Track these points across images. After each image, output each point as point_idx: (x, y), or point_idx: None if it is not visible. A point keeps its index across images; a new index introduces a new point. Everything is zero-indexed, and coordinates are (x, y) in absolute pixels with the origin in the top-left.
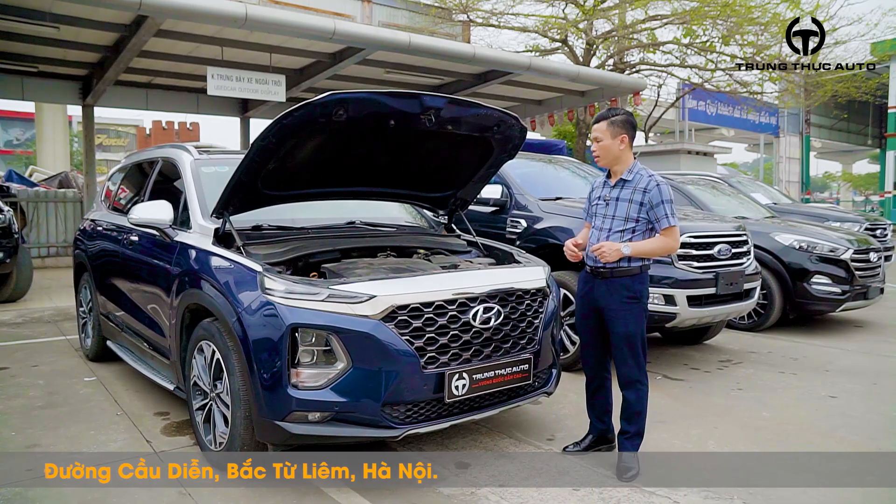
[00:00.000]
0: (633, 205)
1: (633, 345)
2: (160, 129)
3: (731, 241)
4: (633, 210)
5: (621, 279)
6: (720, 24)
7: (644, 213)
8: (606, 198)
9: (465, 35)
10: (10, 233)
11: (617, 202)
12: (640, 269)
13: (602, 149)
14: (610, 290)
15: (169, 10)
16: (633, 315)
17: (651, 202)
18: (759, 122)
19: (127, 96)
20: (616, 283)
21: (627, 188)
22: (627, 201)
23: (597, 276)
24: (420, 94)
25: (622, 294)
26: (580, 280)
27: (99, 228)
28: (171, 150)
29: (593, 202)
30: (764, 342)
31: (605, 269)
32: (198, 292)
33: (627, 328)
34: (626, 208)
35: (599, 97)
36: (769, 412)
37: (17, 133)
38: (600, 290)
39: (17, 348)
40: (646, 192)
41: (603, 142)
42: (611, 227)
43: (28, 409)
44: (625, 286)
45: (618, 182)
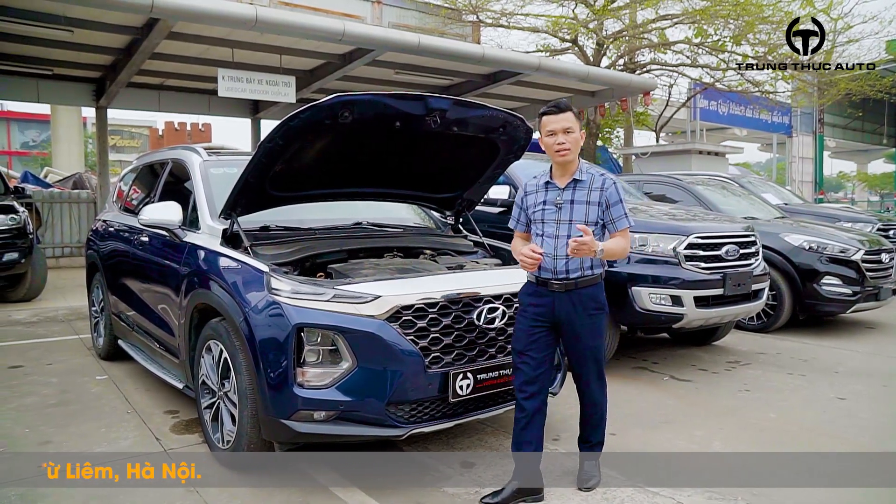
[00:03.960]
0: (591, 206)
1: (599, 360)
2: (172, 130)
3: (739, 241)
4: (592, 212)
5: (587, 289)
6: (731, 24)
7: (601, 215)
8: (557, 201)
9: (475, 36)
10: (26, 233)
11: (572, 205)
12: (600, 277)
13: (574, 142)
14: (576, 304)
15: (180, 12)
16: (599, 327)
17: (608, 201)
18: (772, 122)
19: (139, 98)
20: (582, 295)
21: (581, 189)
22: (585, 203)
23: (557, 289)
24: (425, 95)
25: (589, 306)
26: (526, 294)
27: (110, 229)
28: (180, 151)
29: (535, 208)
30: (773, 343)
31: (569, 281)
32: (206, 292)
33: (595, 342)
34: (584, 211)
35: (609, 97)
36: (776, 413)
37: (33, 135)
38: (563, 304)
39: (31, 347)
40: (602, 190)
41: (574, 133)
42: (569, 233)
43: (41, 406)
44: (591, 297)
45: (569, 183)
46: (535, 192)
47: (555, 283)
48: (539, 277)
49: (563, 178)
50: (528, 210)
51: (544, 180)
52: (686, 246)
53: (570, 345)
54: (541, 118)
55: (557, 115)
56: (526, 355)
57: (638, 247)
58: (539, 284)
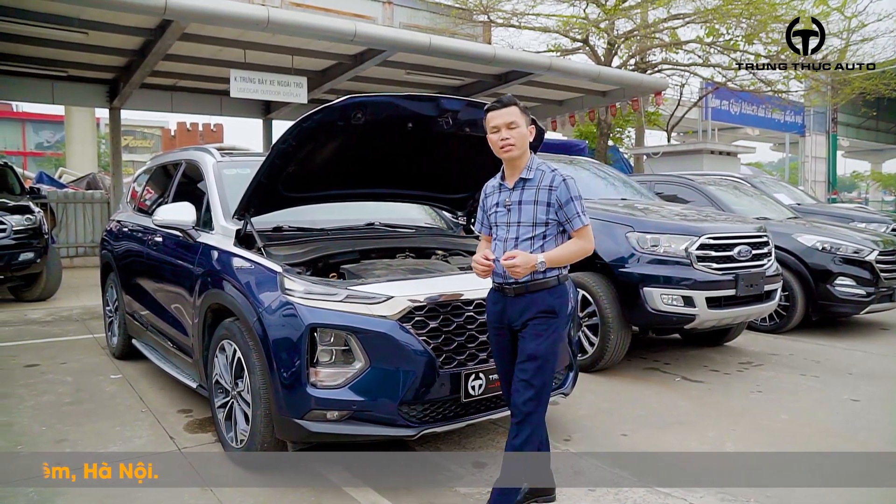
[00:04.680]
0: (539, 206)
1: (541, 368)
2: (184, 130)
3: (751, 242)
4: (541, 212)
5: (538, 294)
6: (744, 23)
7: (553, 215)
8: (507, 203)
9: (485, 36)
10: (41, 233)
11: (520, 206)
12: (557, 280)
13: (520, 137)
14: (525, 308)
15: (193, 14)
16: (547, 332)
17: (559, 201)
18: (785, 122)
19: (152, 99)
20: (531, 299)
21: (530, 188)
22: (532, 203)
23: (508, 293)
24: (437, 96)
25: (539, 311)
26: (489, 301)
27: (124, 229)
28: (194, 152)
29: (490, 210)
30: (786, 344)
31: (518, 285)
32: (219, 292)
33: (538, 347)
34: (531, 212)
35: (621, 97)
36: (788, 415)
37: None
38: (515, 309)
39: (46, 346)
40: (552, 189)
41: (520, 128)
42: (517, 236)
43: (57, 404)
44: (542, 301)
45: (517, 183)
46: (492, 193)
47: (507, 287)
48: (494, 283)
49: (512, 177)
50: (487, 210)
51: (498, 181)
52: (698, 246)
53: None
54: (486, 114)
55: (500, 110)
56: (499, 369)
57: (650, 247)
58: (495, 290)
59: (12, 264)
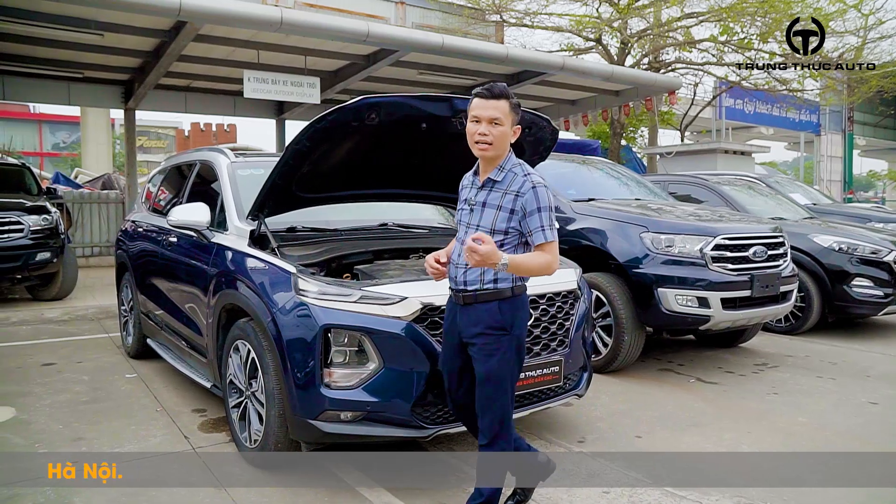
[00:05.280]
0: (501, 212)
1: (498, 388)
2: (198, 130)
3: (767, 242)
4: (501, 220)
5: (487, 304)
6: (758, 21)
7: (516, 224)
8: (472, 202)
9: (498, 35)
10: (57, 233)
11: (483, 208)
12: (511, 292)
13: (500, 136)
14: (473, 320)
15: (207, 15)
16: (499, 351)
17: (524, 209)
18: (800, 120)
19: (166, 99)
20: (480, 310)
21: (496, 191)
22: (495, 208)
23: (457, 301)
24: (451, 97)
25: (487, 326)
26: (447, 307)
27: (139, 229)
28: (208, 153)
29: (459, 206)
30: (802, 346)
31: (467, 294)
32: (233, 293)
33: (491, 368)
34: (491, 217)
35: (634, 97)
36: (805, 417)
37: (64, 136)
38: (464, 320)
39: (63, 345)
40: (518, 196)
41: (503, 127)
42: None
43: (74, 403)
44: (490, 315)
45: (486, 182)
46: (466, 187)
47: (457, 294)
48: (448, 288)
49: (484, 174)
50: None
51: (472, 176)
52: (713, 247)
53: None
54: (471, 99)
55: (488, 101)
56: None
57: (664, 248)
58: (450, 297)
59: (29, 264)
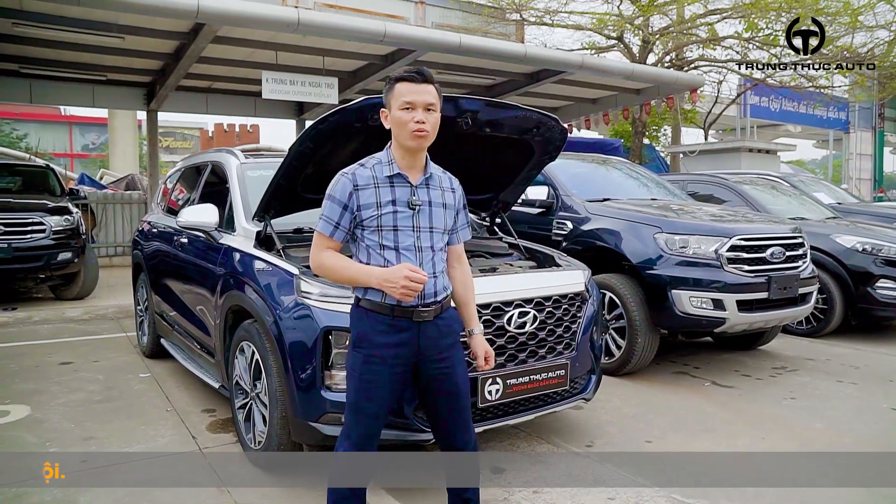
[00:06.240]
0: (448, 211)
1: (468, 401)
2: (222, 131)
3: (785, 243)
4: (449, 218)
5: (451, 310)
6: (784, 17)
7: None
8: (414, 202)
9: (518, 34)
10: (78, 234)
11: (431, 208)
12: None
13: (435, 123)
14: (445, 330)
15: (224, 17)
16: (465, 355)
17: (457, 205)
18: (828, 118)
19: (188, 101)
20: (449, 318)
21: (434, 188)
22: (441, 206)
23: (425, 317)
24: (456, 97)
25: (455, 330)
26: (376, 333)
27: (154, 230)
28: (219, 154)
29: (379, 210)
30: (823, 349)
31: (436, 304)
32: (239, 294)
33: (466, 376)
34: (442, 216)
35: (655, 95)
36: (823, 423)
37: (93, 137)
38: (429, 335)
39: (81, 344)
40: (453, 191)
41: (436, 113)
42: (432, 244)
43: (87, 402)
44: (456, 318)
45: (423, 179)
46: (374, 186)
47: (422, 310)
48: (398, 306)
49: (414, 170)
50: (363, 212)
51: (387, 172)
52: (729, 248)
53: (436, 384)
54: (394, 84)
55: (420, 85)
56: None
57: (678, 248)
58: (396, 317)
59: (51, 264)
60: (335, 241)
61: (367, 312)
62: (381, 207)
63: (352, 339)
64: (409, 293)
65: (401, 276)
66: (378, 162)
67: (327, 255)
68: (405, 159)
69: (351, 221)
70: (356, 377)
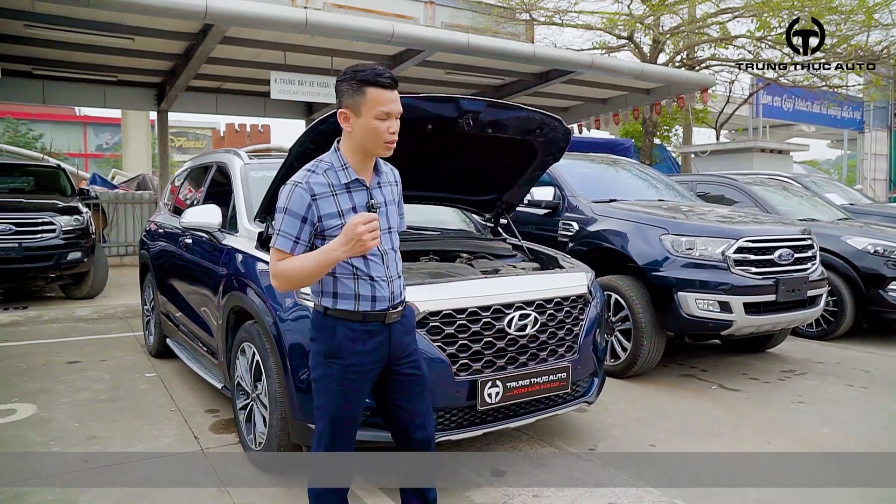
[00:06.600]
0: (394, 207)
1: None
2: (233, 131)
3: (793, 245)
4: (394, 214)
5: (408, 306)
6: (797, 15)
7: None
8: (374, 205)
9: (528, 34)
10: (88, 233)
11: (386, 208)
12: None
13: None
14: (408, 328)
15: (232, 17)
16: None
17: (399, 197)
18: (842, 117)
19: (198, 101)
20: (409, 316)
21: (385, 186)
22: (394, 203)
23: (395, 318)
24: (457, 97)
25: (414, 325)
26: (348, 340)
27: (160, 231)
28: (223, 154)
29: (341, 219)
30: (833, 352)
31: (402, 303)
32: (240, 295)
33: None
34: (395, 214)
35: (666, 95)
36: (831, 428)
37: (107, 137)
38: (397, 335)
39: (89, 343)
40: (397, 183)
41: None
42: (392, 246)
43: (93, 401)
44: (411, 313)
45: (376, 180)
46: (331, 194)
47: (393, 312)
48: (371, 312)
49: (367, 172)
50: (325, 222)
51: (343, 178)
52: (735, 249)
53: (406, 380)
54: (364, 88)
55: (393, 92)
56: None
57: (685, 250)
58: (369, 321)
59: (61, 263)
60: (296, 253)
61: (338, 322)
62: (342, 216)
63: (322, 351)
64: (376, 236)
65: (355, 231)
66: (330, 167)
67: (282, 263)
68: (362, 163)
69: (311, 234)
70: (335, 389)
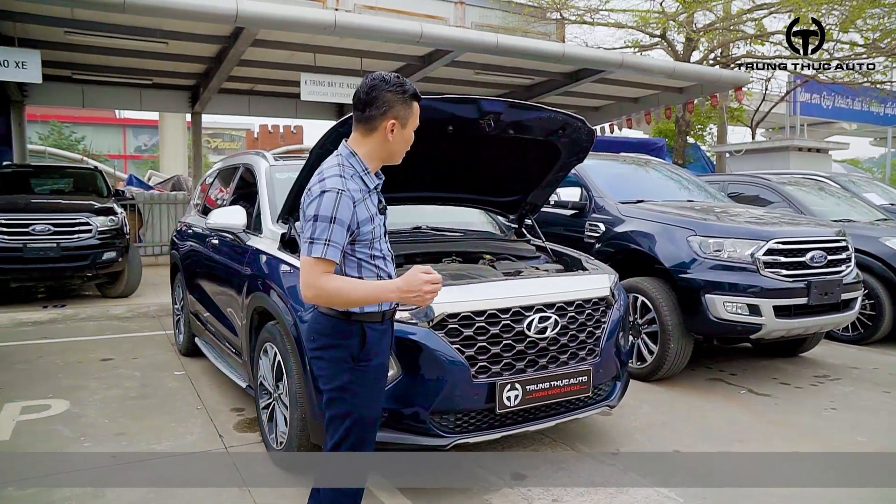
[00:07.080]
0: None
1: None
2: (266, 132)
3: (827, 247)
4: None
5: None
6: (836, 10)
7: None
8: (385, 207)
9: (559, 33)
10: (122, 233)
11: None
12: None
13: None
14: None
15: (262, 20)
16: None
17: None
18: (885, 114)
19: (231, 103)
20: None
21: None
22: None
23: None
24: (478, 98)
25: None
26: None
27: (189, 231)
28: (250, 156)
29: (372, 224)
30: (870, 357)
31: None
32: (263, 295)
33: None
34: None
35: (698, 93)
36: (865, 437)
37: (145, 139)
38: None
39: (123, 341)
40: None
41: None
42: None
43: (123, 398)
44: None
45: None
46: (363, 199)
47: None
48: (388, 311)
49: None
50: (361, 228)
51: (371, 183)
52: (765, 251)
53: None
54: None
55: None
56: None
57: (713, 252)
58: (387, 319)
59: (97, 263)
60: (336, 260)
61: (363, 325)
62: (373, 220)
63: (348, 356)
64: (435, 295)
65: (420, 282)
66: (354, 172)
67: (326, 279)
68: (376, 168)
69: (345, 236)
70: (366, 392)
